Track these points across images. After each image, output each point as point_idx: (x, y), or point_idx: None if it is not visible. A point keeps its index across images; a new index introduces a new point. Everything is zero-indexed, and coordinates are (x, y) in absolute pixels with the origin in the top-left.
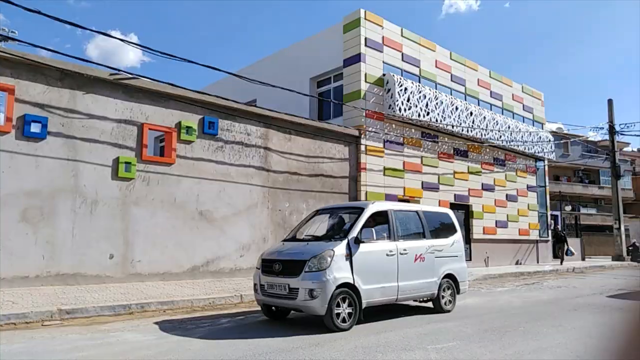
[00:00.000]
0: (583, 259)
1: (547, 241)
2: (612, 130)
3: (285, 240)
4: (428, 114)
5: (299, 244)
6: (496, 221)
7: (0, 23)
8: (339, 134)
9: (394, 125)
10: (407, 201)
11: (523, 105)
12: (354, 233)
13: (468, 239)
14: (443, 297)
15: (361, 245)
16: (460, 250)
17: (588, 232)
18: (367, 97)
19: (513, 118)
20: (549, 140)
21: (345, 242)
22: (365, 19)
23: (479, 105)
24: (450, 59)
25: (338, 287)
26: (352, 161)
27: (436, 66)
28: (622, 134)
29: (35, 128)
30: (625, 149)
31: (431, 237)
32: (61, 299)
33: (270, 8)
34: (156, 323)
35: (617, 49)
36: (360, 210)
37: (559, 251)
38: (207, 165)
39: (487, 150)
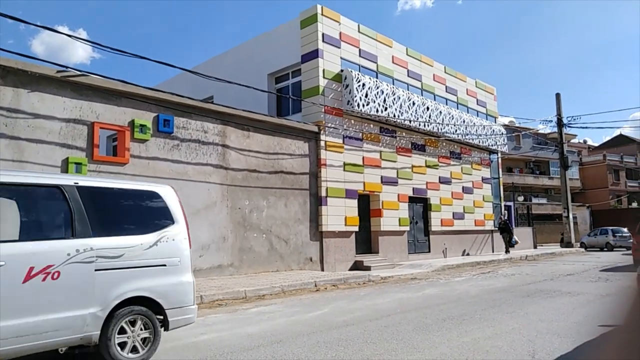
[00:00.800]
0: (535, 247)
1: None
2: (560, 123)
3: None
4: (386, 109)
5: None
6: (453, 213)
7: None
8: (299, 130)
9: (352, 121)
10: (367, 197)
11: (477, 100)
12: None
13: (427, 232)
14: (120, 339)
15: None
16: (177, 255)
17: (539, 221)
18: (325, 93)
19: (468, 112)
20: (502, 134)
21: None
22: (322, 14)
23: (435, 100)
24: (407, 54)
25: None
26: (312, 157)
27: (393, 62)
28: (569, 127)
29: None
30: (572, 141)
31: (93, 234)
32: None
33: (226, 3)
34: None
35: (566, 44)
36: None
37: (503, 240)
38: (162, 164)
39: (444, 144)
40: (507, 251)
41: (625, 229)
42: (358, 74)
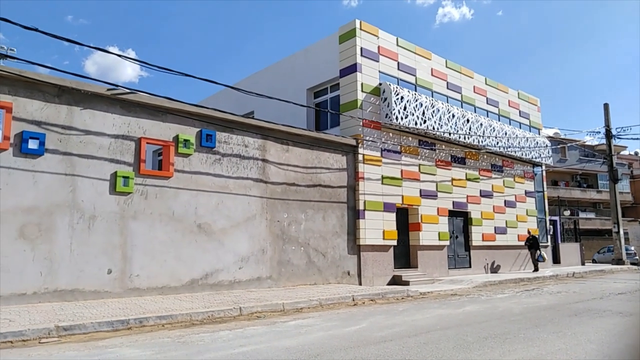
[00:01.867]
0: (583, 264)
1: (546, 246)
2: (609, 134)
3: None
4: (425, 122)
5: None
6: (495, 227)
7: None
8: (337, 144)
9: (391, 134)
10: (406, 210)
11: (519, 112)
12: None
13: (468, 246)
14: None
15: None
16: None
17: (587, 237)
18: (363, 107)
19: (510, 124)
20: (546, 146)
21: None
22: (361, 29)
23: (475, 112)
24: (446, 67)
25: None
26: (350, 170)
27: (432, 74)
28: (619, 138)
29: (32, 144)
30: (622, 153)
31: None
32: (59, 316)
33: (266, 22)
34: (155, 338)
35: (612, 53)
36: None
37: (531, 257)
38: (205, 178)
39: (485, 156)
40: (535, 269)
41: None
42: (396, 87)
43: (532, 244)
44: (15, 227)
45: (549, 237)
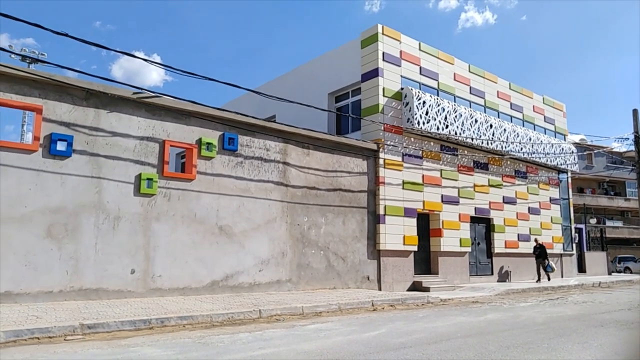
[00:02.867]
0: (609, 273)
1: (571, 255)
2: (638, 141)
3: None
4: (447, 126)
5: None
6: (518, 235)
7: (30, 47)
8: (357, 148)
9: (412, 139)
10: (427, 216)
11: (544, 117)
12: None
13: (490, 253)
14: None
15: None
16: None
17: (614, 246)
18: (385, 111)
19: (534, 130)
20: (572, 152)
21: None
22: (383, 34)
23: (499, 117)
24: (469, 71)
25: None
26: (371, 175)
27: (455, 79)
28: None
29: (61, 146)
30: None
31: None
32: (83, 314)
33: (288, 27)
34: (175, 338)
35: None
36: None
37: (537, 267)
38: (226, 180)
39: (508, 162)
40: (539, 279)
41: None
42: (418, 92)
43: (539, 253)
44: (44, 227)
45: (574, 245)
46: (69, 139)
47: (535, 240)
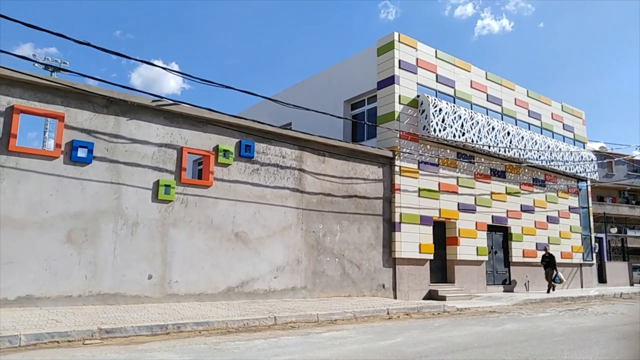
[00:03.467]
0: (631, 284)
1: (591, 264)
2: None
3: None
4: (463, 134)
5: None
6: (537, 244)
7: (53, 55)
8: (373, 155)
9: (428, 146)
10: (443, 224)
11: (563, 125)
12: None
13: (507, 262)
14: None
15: None
16: None
17: (636, 256)
18: (401, 119)
19: (553, 137)
20: (592, 160)
21: None
22: (399, 41)
23: (516, 125)
24: (486, 79)
25: None
26: (386, 182)
27: (471, 86)
28: None
29: (82, 153)
30: None
31: None
32: (101, 319)
33: (304, 36)
34: (192, 344)
35: None
36: None
37: (546, 277)
38: (243, 187)
39: (526, 170)
40: (549, 290)
41: None
42: (435, 99)
43: (548, 262)
44: (64, 232)
45: (594, 255)
46: (89, 146)
47: (545, 250)
